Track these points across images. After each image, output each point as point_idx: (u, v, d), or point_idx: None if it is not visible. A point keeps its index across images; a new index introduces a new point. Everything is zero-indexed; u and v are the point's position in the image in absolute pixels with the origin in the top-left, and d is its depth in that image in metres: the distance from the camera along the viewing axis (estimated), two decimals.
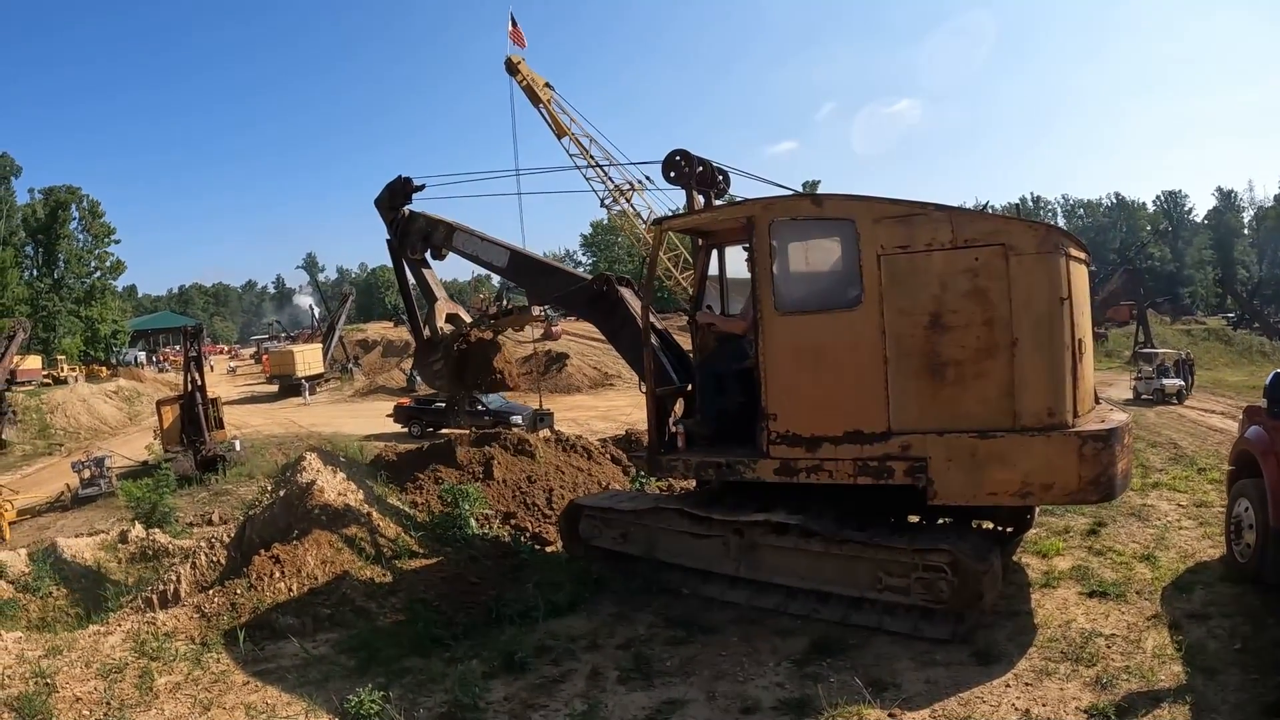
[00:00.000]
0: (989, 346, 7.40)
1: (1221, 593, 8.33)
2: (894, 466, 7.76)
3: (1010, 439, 7.38)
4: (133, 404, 55.79)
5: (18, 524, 26.29)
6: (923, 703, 6.55)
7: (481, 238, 12.86)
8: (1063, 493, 7.50)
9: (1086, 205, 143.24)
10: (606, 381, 56.58)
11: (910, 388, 7.66)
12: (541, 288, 12.62)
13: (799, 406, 8.22)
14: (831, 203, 8.26)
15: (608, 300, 11.05)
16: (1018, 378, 7.34)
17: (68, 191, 79.88)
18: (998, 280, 7.36)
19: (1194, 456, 17.05)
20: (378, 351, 76.47)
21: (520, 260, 12.58)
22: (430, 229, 13.31)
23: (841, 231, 8.06)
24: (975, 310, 7.43)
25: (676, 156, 11.58)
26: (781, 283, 8.37)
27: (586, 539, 10.48)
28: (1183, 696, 6.33)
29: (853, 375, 7.90)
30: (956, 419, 7.53)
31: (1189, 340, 66.35)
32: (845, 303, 7.97)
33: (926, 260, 7.58)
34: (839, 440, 7.97)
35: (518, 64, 40.86)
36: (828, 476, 8.09)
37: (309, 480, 11.53)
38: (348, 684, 7.55)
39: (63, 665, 8.43)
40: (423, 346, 14.13)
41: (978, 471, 7.50)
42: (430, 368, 14.08)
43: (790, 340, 8.24)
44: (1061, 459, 7.28)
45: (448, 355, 13.36)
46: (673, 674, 7.39)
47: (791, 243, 8.51)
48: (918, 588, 7.65)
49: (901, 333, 7.63)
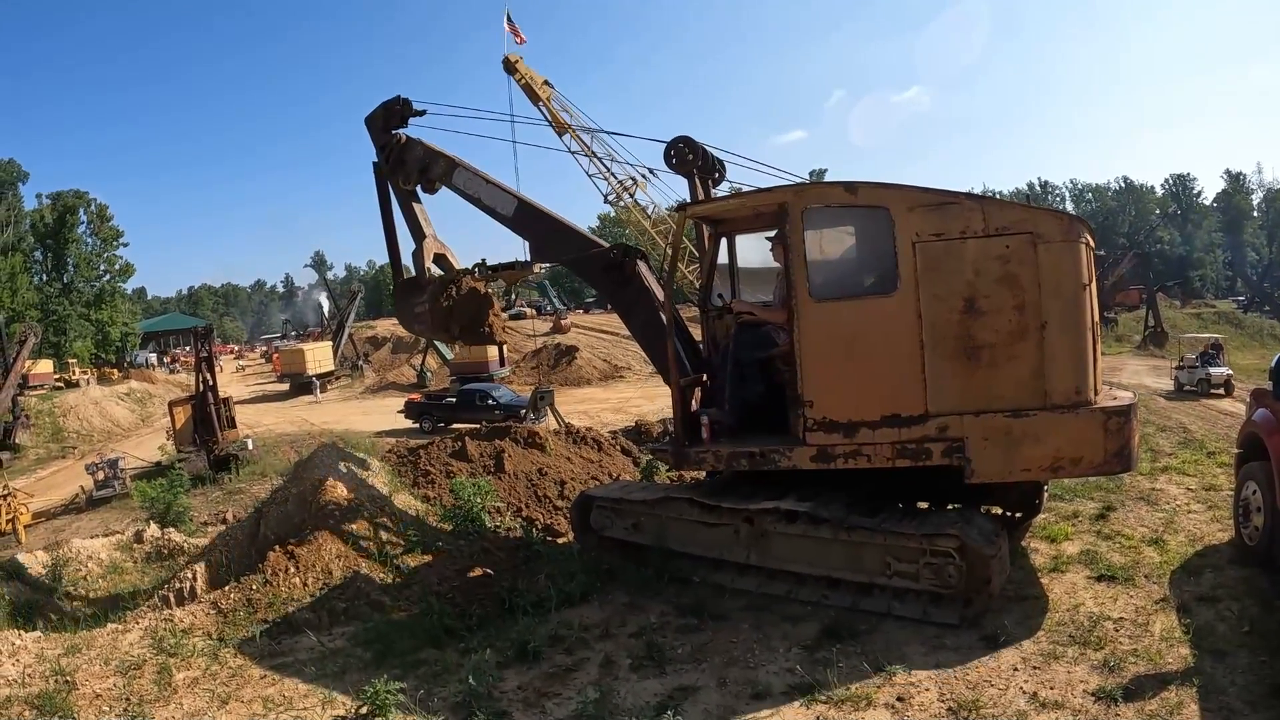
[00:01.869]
0: (1020, 330, 7.69)
1: (1230, 576, 8.36)
2: (932, 448, 7.92)
3: (1042, 417, 7.68)
4: (145, 405, 56.10)
5: (33, 527, 26.45)
6: (931, 686, 6.61)
7: (487, 180, 12.07)
8: (1090, 465, 7.89)
9: (1095, 189, 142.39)
10: (616, 374, 56.66)
11: (946, 370, 7.84)
12: (550, 245, 11.85)
13: (835, 392, 8.26)
14: (865, 190, 8.28)
15: (623, 271, 10.69)
16: (1047, 359, 7.67)
17: (75, 196, 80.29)
18: (1027, 267, 7.66)
19: (1203, 440, 17.04)
20: (387, 348, 76.61)
21: (529, 212, 11.77)
22: (429, 160, 12.50)
23: (876, 219, 8.15)
24: (1007, 295, 7.69)
25: (680, 144, 11.44)
26: (815, 270, 8.37)
27: (598, 529, 10.55)
28: (1190, 679, 6.36)
29: (889, 360, 8.02)
30: (991, 400, 7.78)
31: (1200, 324, 66.20)
32: (881, 289, 8.12)
33: (960, 247, 7.80)
34: (876, 424, 8.07)
35: (516, 63, 40.79)
36: (866, 461, 8.17)
37: (322, 476, 11.63)
38: (364, 676, 7.63)
39: (82, 663, 8.55)
40: (404, 286, 13.33)
41: (1013, 449, 7.77)
42: (411, 309, 13.17)
43: (826, 327, 8.27)
44: (1089, 434, 7.66)
45: (435, 300, 12.46)
46: (684, 661, 7.46)
47: (825, 230, 8.58)
48: (926, 573, 7.71)
49: (937, 318, 7.81)
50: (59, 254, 78.61)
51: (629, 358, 58.11)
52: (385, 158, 12.87)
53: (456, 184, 12.19)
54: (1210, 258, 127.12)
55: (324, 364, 64.28)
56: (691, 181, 11.53)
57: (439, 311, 12.37)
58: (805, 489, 8.73)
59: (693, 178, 11.52)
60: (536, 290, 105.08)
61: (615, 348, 61.34)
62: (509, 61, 40.61)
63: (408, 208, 13.05)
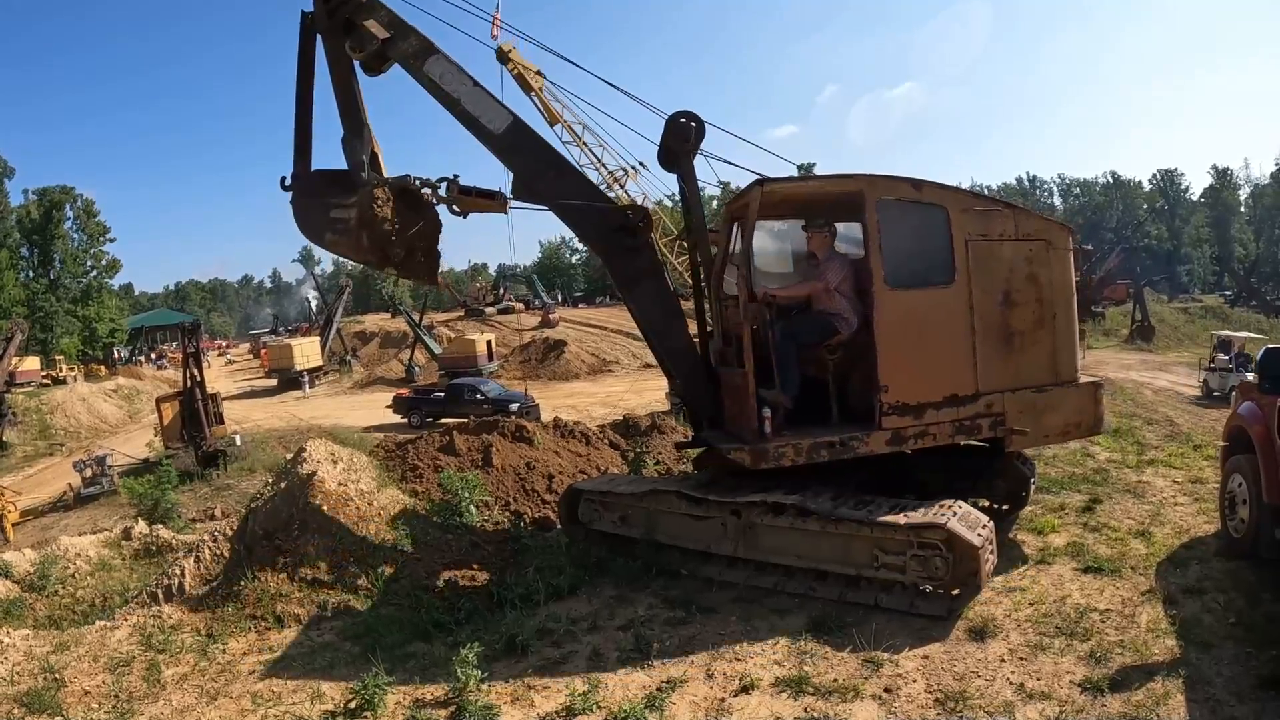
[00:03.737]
0: (1040, 319, 9.00)
1: (1216, 568, 8.38)
2: (981, 423, 8.87)
3: (1056, 391, 9.10)
4: (132, 402, 55.86)
5: (21, 525, 26.34)
6: (919, 677, 6.64)
7: (473, 80, 9.89)
8: (1085, 429, 9.55)
9: (1083, 184, 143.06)
10: (604, 368, 56.71)
11: (990, 354, 8.81)
12: (545, 183, 9.90)
13: (907, 376, 8.66)
14: (928, 189, 8.91)
15: (635, 238, 9.71)
16: (1058, 343, 9.08)
17: (62, 191, 79.96)
18: (1044, 267, 9.00)
19: (1190, 433, 17.16)
20: (376, 343, 76.55)
21: (525, 133, 10.00)
22: (398, 32, 10.15)
23: (936, 216, 8.80)
24: (1031, 291, 8.96)
25: (684, 118, 9.73)
26: (889, 259, 8.64)
27: (586, 522, 10.56)
28: (1177, 670, 6.38)
29: (949, 345, 8.76)
30: (1021, 378, 8.95)
31: (1186, 318, 66.45)
32: (941, 280, 8.78)
33: (999, 248, 8.89)
34: (940, 405, 8.74)
35: (509, 52, 40.69)
36: (931, 440, 8.80)
37: (310, 471, 11.59)
38: (353, 670, 7.65)
39: (71, 660, 8.55)
40: (321, 180, 10.68)
41: (1039, 419, 9.03)
42: (325, 213, 10.49)
43: (900, 314, 8.67)
44: (1086, 402, 9.29)
45: (371, 210, 9.93)
46: (672, 653, 7.47)
47: (893, 221, 8.75)
48: (914, 565, 7.72)
49: (984, 308, 8.78)
50: (45, 250, 78.35)
51: (617, 352, 58.27)
52: (329, 8, 10.40)
53: (429, 73, 9.94)
54: (1198, 253, 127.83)
55: (312, 359, 64.20)
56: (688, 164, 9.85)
57: (376, 227, 9.94)
58: (792, 481, 8.76)
59: (690, 159, 9.84)
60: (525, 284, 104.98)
61: (604, 342, 61.45)
62: (502, 51, 40.48)
63: (345, 82, 10.54)
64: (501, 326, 73.70)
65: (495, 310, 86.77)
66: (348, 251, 10.86)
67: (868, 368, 8.90)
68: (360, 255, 10.60)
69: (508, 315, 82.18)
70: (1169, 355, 49.43)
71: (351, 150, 10.34)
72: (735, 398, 9.12)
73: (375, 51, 10.22)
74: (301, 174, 10.71)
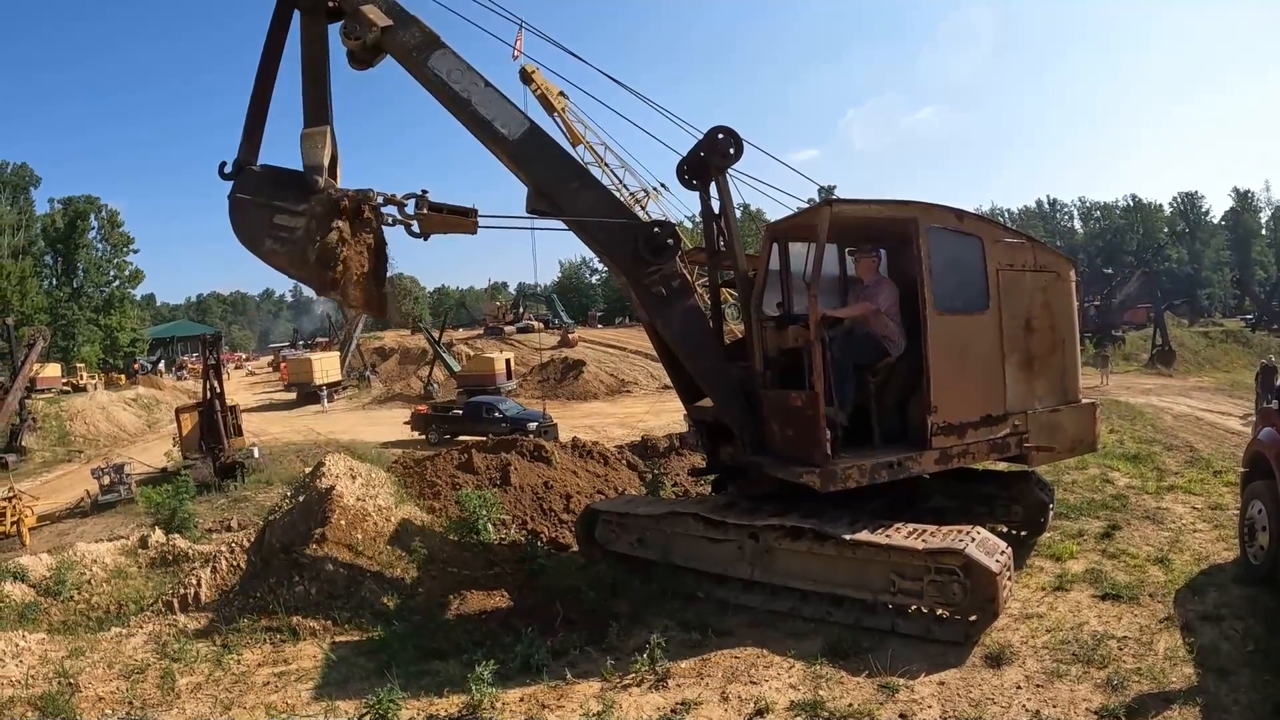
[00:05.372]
0: (1054, 344, 9.59)
1: (1235, 595, 8.32)
2: (1010, 441, 9.24)
3: (1066, 410, 9.68)
4: (151, 411, 56.17)
5: (38, 530, 26.46)
6: (934, 704, 6.61)
7: (486, 81, 9.19)
8: (1086, 446, 10.12)
9: (1103, 208, 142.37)
10: (623, 389, 56.59)
11: (1016, 376, 9.28)
12: (565, 195, 9.28)
13: (952, 397, 8.93)
14: (968, 220, 9.41)
15: (663, 256, 9.33)
16: (1066, 366, 9.72)
17: (87, 201, 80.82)
18: (1055, 296, 9.62)
19: (1209, 459, 16.95)
20: (395, 359, 76.75)
21: (542, 142, 9.39)
22: (399, 21, 9.28)
23: (973, 246, 9.19)
24: (1046, 317, 9.54)
25: (722, 134, 9.60)
26: (937, 284, 8.83)
27: (603, 543, 10.58)
28: (1194, 698, 6.35)
29: (984, 367, 9.15)
30: (1039, 399, 9.47)
31: (1207, 342, 65.86)
32: (979, 306, 9.18)
33: (1022, 277, 9.40)
34: (977, 425, 9.08)
35: (532, 73, 41.09)
36: (971, 459, 9.18)
37: (328, 486, 11.66)
38: (367, 685, 7.67)
39: (85, 666, 8.63)
40: (267, 178, 9.32)
41: (1054, 436, 9.54)
42: (269, 219, 9.12)
43: (947, 337, 8.92)
44: (1089, 421, 9.95)
45: (325, 221, 8.88)
46: (687, 676, 7.46)
47: (941, 249, 8.94)
48: (931, 591, 7.71)
49: (1011, 333, 9.25)
50: (69, 259, 79.18)
51: (636, 373, 58.17)
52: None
53: (434, 70, 9.12)
54: (1218, 276, 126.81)
55: (331, 374, 64.43)
56: (722, 181, 9.85)
57: (328, 243, 8.82)
58: (809, 505, 8.75)
59: (724, 176, 9.82)
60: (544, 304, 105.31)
61: (623, 363, 61.38)
62: (525, 72, 40.85)
63: (317, 69, 9.38)
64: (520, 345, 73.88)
65: (515, 329, 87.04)
66: (286, 265, 9.42)
67: (905, 389, 9.20)
68: (301, 272, 9.31)
69: (527, 334, 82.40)
70: (1189, 380, 49.02)
71: (311, 149, 9.17)
72: (793, 419, 8.91)
73: (372, 38, 9.19)
74: (247, 164, 9.33)
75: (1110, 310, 66.76)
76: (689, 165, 10.13)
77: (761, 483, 9.49)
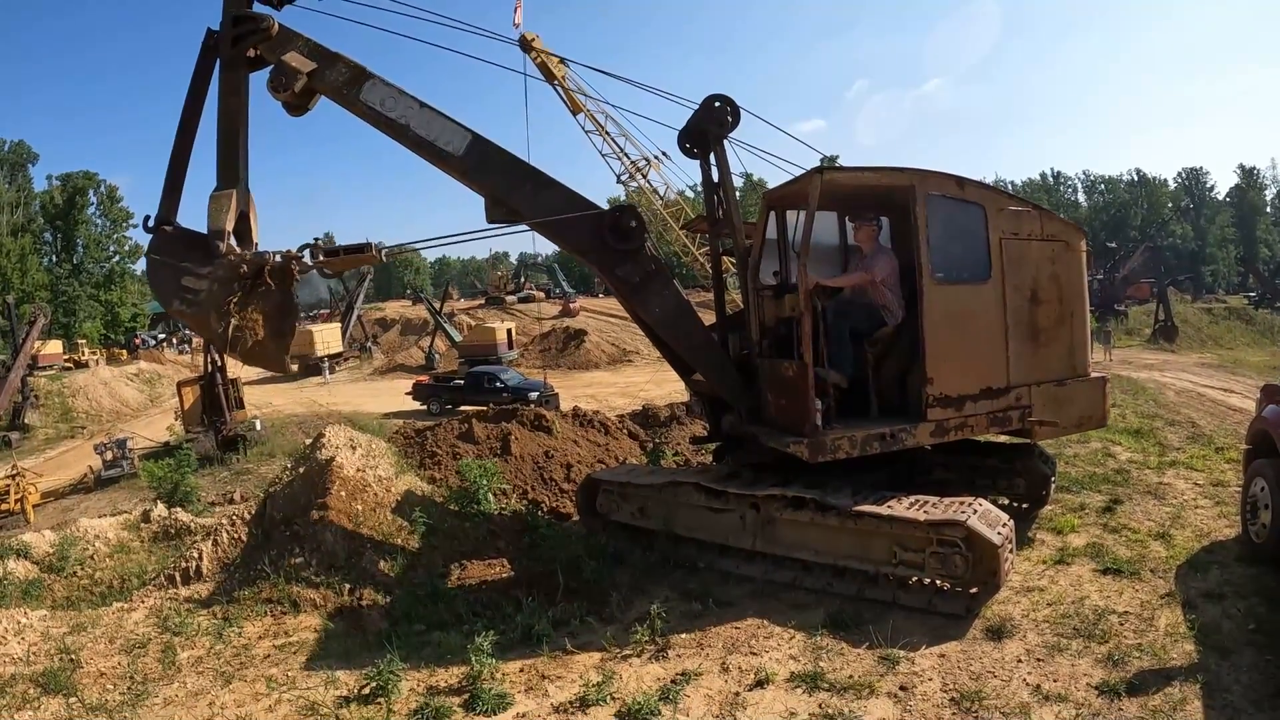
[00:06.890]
0: (1061, 316, 9.36)
1: (1237, 573, 8.27)
2: (1012, 415, 9.13)
3: (1073, 384, 9.47)
4: (153, 386, 56.31)
5: (42, 506, 26.64)
6: (935, 676, 6.60)
7: (420, 101, 9.02)
8: (1094, 421, 9.89)
9: (1107, 181, 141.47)
10: (624, 358, 56.73)
11: (1019, 349, 9.10)
12: (521, 198, 9.16)
13: (949, 369, 8.82)
14: (969, 187, 9.12)
15: (631, 241, 9.30)
16: (1075, 339, 9.49)
17: (85, 177, 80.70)
18: (1064, 267, 9.36)
19: (1212, 435, 16.93)
20: (396, 330, 76.83)
21: (488, 151, 9.13)
22: (323, 62, 9.08)
23: (975, 214, 9.00)
24: (1053, 289, 9.30)
25: (719, 102, 9.61)
26: (935, 253, 8.72)
27: (604, 513, 10.57)
28: (1195, 675, 6.31)
29: (985, 339, 8.99)
30: (1045, 372, 9.28)
31: (1210, 319, 65.79)
32: (980, 276, 9.02)
33: (1027, 247, 9.17)
34: (977, 398, 8.96)
35: (531, 40, 40.71)
36: (969, 432, 9.07)
37: (329, 457, 11.64)
38: (367, 656, 7.67)
39: (87, 641, 8.63)
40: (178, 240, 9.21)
41: (1059, 410, 9.33)
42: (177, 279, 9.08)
43: (944, 308, 8.79)
44: (1098, 395, 9.70)
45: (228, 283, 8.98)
46: (687, 646, 7.47)
47: (939, 217, 8.82)
48: (933, 563, 7.68)
49: (1015, 304, 9.07)
50: (69, 235, 79.15)
51: (637, 342, 58.10)
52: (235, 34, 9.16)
53: (366, 101, 9.03)
54: (1222, 253, 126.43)
55: (332, 345, 64.49)
56: (720, 150, 9.81)
57: (230, 308, 8.97)
58: (812, 476, 8.73)
59: (722, 147, 9.79)
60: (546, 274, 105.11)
61: (624, 332, 61.30)
62: (525, 40, 40.49)
63: (232, 124, 9.30)
64: (522, 315, 73.90)
65: (516, 299, 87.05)
66: (194, 326, 9.96)
67: (903, 361, 9.07)
68: (206, 333, 9.78)
69: (528, 304, 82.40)
70: (1191, 356, 48.96)
71: (216, 211, 9.07)
72: (785, 389, 8.87)
73: (300, 84, 9.02)
74: (167, 219, 9.26)
75: (1114, 285, 66.68)
76: (689, 134, 10.04)
77: (759, 453, 9.44)
